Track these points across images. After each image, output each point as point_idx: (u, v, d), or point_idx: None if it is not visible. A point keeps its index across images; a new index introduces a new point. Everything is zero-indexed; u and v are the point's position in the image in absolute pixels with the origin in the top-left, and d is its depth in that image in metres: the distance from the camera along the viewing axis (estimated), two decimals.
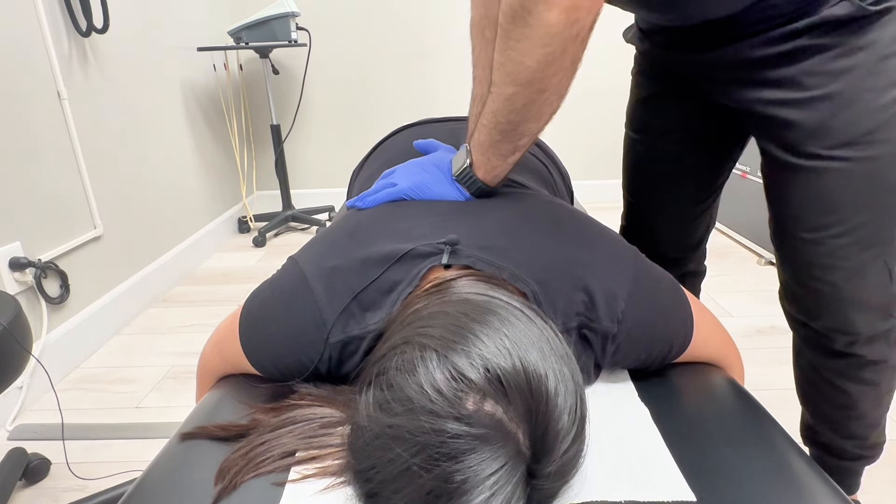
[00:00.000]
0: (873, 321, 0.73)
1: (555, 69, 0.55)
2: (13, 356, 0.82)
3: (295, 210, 2.72)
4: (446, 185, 0.68)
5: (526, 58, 0.54)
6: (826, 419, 0.85)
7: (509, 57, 0.55)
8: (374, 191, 0.72)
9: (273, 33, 2.31)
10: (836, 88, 0.62)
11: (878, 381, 0.79)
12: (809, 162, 0.66)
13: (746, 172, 2.23)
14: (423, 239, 0.56)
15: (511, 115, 0.59)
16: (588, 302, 0.54)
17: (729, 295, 1.90)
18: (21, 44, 1.44)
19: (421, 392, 0.38)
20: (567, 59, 0.54)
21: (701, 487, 0.45)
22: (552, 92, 0.57)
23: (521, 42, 0.53)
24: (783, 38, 0.63)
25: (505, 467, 0.37)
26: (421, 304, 0.49)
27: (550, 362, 0.41)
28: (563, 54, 0.54)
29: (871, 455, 0.86)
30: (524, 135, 0.62)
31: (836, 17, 0.59)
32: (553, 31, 0.51)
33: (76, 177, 1.62)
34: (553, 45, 0.53)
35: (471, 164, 0.65)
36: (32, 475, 1.15)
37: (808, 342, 0.82)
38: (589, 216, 0.66)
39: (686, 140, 0.87)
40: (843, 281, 0.70)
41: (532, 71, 0.55)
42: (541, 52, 0.53)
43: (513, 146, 0.63)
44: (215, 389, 0.62)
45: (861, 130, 0.62)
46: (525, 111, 0.59)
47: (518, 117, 0.59)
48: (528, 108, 0.58)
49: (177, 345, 1.70)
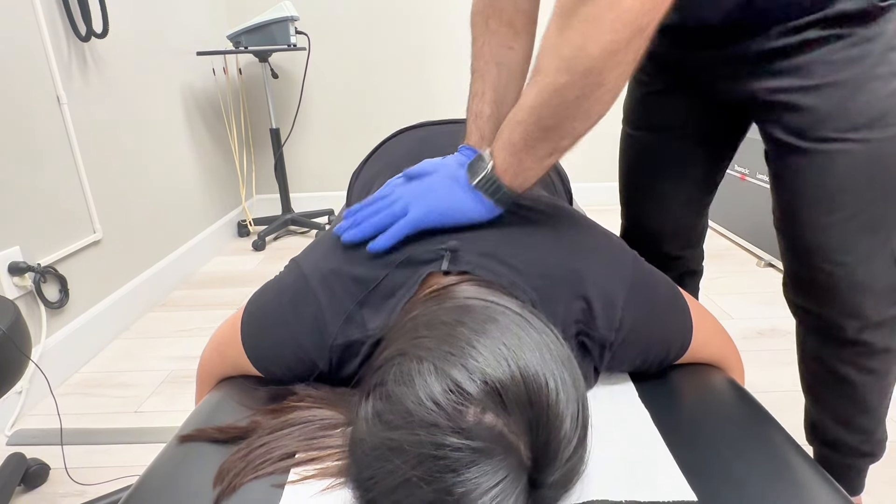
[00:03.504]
0: (880, 306, 0.73)
1: (617, 61, 0.49)
2: (12, 361, 0.81)
3: (294, 214, 2.72)
4: (465, 199, 0.58)
5: (590, 43, 0.48)
6: (833, 414, 0.85)
7: (568, 39, 0.49)
8: (381, 220, 0.58)
9: (272, 37, 2.32)
10: (844, 76, 0.64)
11: (886, 371, 0.79)
12: (820, 145, 0.66)
13: (746, 175, 2.23)
14: (424, 244, 0.56)
15: (559, 110, 0.52)
16: (586, 309, 0.54)
17: (729, 297, 1.90)
18: (21, 48, 1.44)
19: (420, 405, 0.38)
20: (630, 53, 0.49)
21: (702, 488, 0.45)
22: (608, 89, 0.51)
23: (587, 24, 0.48)
24: (796, 30, 0.64)
25: (506, 479, 0.36)
26: (419, 311, 0.48)
27: (551, 368, 0.40)
28: (628, 47, 0.48)
29: (877, 452, 0.86)
30: (567, 136, 0.54)
31: (848, 12, 0.61)
32: (626, 17, 0.46)
33: (75, 181, 1.63)
34: (622, 32, 0.47)
35: (493, 168, 0.57)
36: (31, 480, 1.14)
37: (815, 332, 0.81)
38: (588, 219, 0.66)
39: (687, 136, 0.87)
40: (852, 264, 0.70)
41: (593, 59, 0.48)
42: (607, 39, 0.48)
43: (552, 147, 0.55)
44: (214, 391, 0.62)
45: (870, 116, 0.64)
46: (575, 106, 0.52)
47: (566, 112, 0.52)
48: (580, 104, 0.51)
49: (176, 349, 1.70)
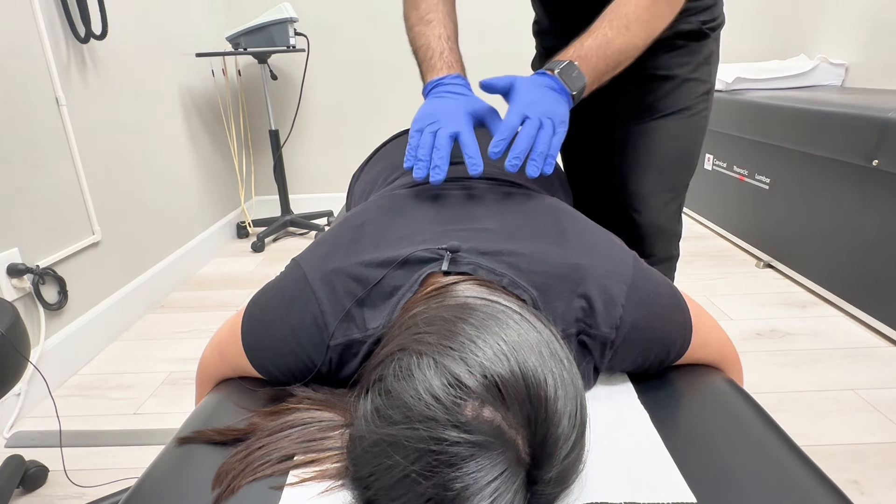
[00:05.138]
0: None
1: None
2: (11, 363, 0.81)
3: (293, 215, 2.72)
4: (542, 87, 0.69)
5: (667, 20, 0.74)
6: None
7: (658, 19, 0.73)
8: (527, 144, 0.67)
9: (271, 39, 2.32)
10: (678, 73, 0.91)
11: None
12: (652, 123, 0.94)
13: (744, 176, 2.24)
14: (424, 244, 0.56)
15: (633, 54, 0.74)
16: (587, 308, 0.54)
17: (728, 298, 1.90)
18: (20, 50, 1.44)
19: (418, 399, 0.38)
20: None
21: (701, 489, 0.45)
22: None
23: (670, 7, 0.74)
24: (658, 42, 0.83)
25: (505, 474, 0.36)
26: (420, 309, 0.48)
27: (549, 366, 0.40)
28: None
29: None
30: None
31: (684, 31, 0.88)
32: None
33: (74, 183, 1.63)
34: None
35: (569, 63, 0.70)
36: (30, 483, 1.14)
37: None
38: (587, 219, 0.66)
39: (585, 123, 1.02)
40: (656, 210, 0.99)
41: (662, 29, 0.75)
42: (674, 13, 0.75)
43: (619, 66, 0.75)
44: (213, 393, 0.62)
45: (684, 105, 0.92)
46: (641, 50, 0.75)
47: (636, 55, 0.75)
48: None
49: (175, 351, 1.70)
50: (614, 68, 0.72)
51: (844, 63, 2.33)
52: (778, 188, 2.05)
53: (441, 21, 0.81)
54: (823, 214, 1.82)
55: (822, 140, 1.76)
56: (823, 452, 1.14)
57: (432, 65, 0.76)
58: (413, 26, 0.83)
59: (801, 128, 1.85)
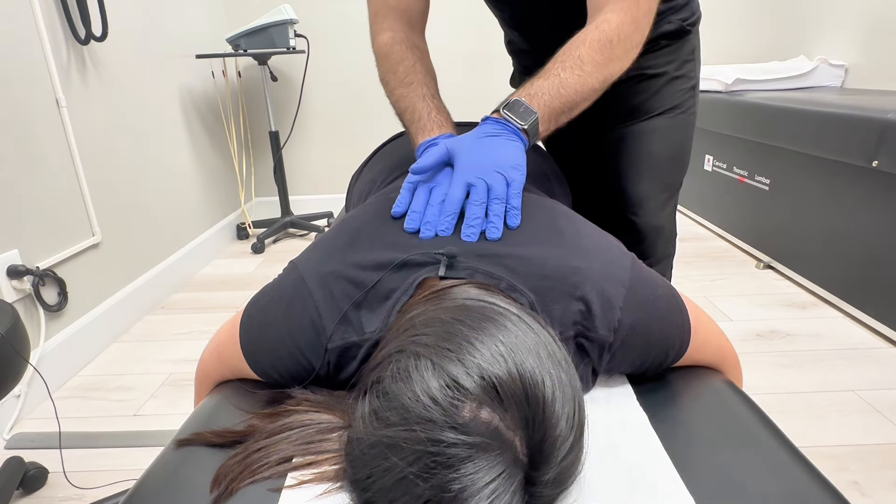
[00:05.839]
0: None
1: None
2: (11, 364, 0.81)
3: (293, 216, 2.72)
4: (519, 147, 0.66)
5: (624, 65, 0.71)
6: None
7: (613, 63, 0.70)
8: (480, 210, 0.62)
9: (271, 40, 2.32)
10: (665, 70, 0.92)
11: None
12: (643, 124, 0.95)
13: (744, 177, 2.24)
14: (420, 248, 0.56)
15: (592, 95, 0.71)
16: (585, 311, 0.54)
17: (727, 299, 1.90)
18: (20, 51, 1.44)
19: (416, 401, 0.38)
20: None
21: (700, 491, 0.45)
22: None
23: (627, 54, 0.71)
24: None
25: (502, 475, 0.36)
26: (417, 311, 0.48)
27: (547, 368, 0.40)
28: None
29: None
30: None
31: (667, 31, 0.90)
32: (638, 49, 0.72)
33: (74, 184, 1.63)
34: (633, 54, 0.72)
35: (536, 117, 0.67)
36: (30, 484, 1.14)
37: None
38: (586, 220, 0.66)
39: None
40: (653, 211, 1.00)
41: (621, 72, 0.71)
42: (632, 58, 0.72)
43: (577, 109, 0.72)
44: (212, 395, 0.62)
45: (673, 103, 0.94)
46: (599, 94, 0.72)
47: (593, 97, 0.72)
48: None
49: (175, 352, 1.70)
50: (570, 109, 0.69)
51: (844, 64, 2.33)
52: (778, 189, 2.05)
53: (422, 81, 0.81)
54: (823, 215, 1.82)
55: (821, 141, 1.76)
56: (823, 453, 1.14)
57: (422, 126, 0.76)
58: (394, 90, 0.82)
59: (801, 129, 1.85)
